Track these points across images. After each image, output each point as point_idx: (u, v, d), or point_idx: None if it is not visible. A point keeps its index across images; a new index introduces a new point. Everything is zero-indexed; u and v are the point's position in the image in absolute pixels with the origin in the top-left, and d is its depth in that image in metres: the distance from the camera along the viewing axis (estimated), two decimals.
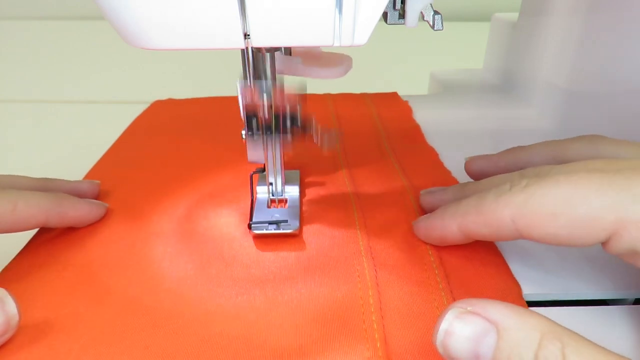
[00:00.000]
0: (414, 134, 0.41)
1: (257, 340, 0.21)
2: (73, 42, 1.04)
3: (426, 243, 0.26)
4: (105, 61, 0.90)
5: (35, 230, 0.29)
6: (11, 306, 0.20)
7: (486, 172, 0.29)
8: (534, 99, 0.45)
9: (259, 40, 0.20)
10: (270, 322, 0.22)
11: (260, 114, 0.25)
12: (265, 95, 0.25)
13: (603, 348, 0.16)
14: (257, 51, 0.25)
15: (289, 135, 0.26)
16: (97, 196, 0.32)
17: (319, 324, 0.21)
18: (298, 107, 0.26)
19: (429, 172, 0.34)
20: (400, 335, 0.21)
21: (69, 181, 0.31)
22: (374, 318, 0.22)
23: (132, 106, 0.48)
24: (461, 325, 0.17)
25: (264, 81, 0.25)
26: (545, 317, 0.16)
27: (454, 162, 0.35)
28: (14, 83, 0.79)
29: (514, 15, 0.50)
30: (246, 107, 0.25)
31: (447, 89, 0.53)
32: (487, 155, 0.31)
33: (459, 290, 0.23)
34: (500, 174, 0.25)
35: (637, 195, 0.18)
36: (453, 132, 0.41)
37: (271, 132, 0.26)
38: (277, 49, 0.25)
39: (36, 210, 0.26)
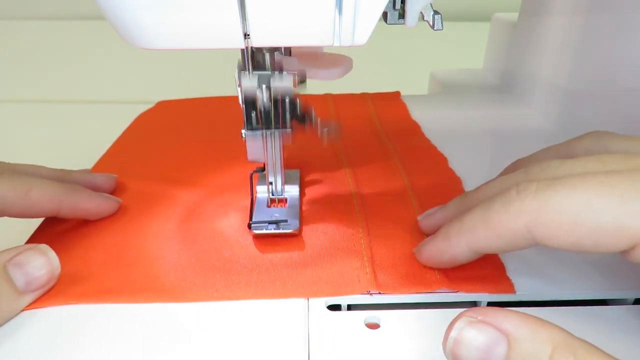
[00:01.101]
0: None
1: (268, 256, 0.26)
2: (73, 42, 1.04)
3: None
4: (105, 61, 0.90)
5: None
6: (55, 259, 0.23)
7: None
8: (534, 99, 0.45)
9: (259, 40, 0.20)
10: (278, 249, 0.26)
11: (259, 102, 0.25)
12: (264, 84, 0.25)
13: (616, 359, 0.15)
14: (257, 51, 0.25)
15: (288, 124, 0.26)
16: (113, 190, 0.32)
17: (319, 249, 0.26)
18: (298, 97, 0.25)
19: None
20: (383, 253, 0.26)
21: (86, 174, 0.32)
22: (362, 242, 0.27)
23: (132, 106, 0.48)
24: (471, 335, 0.16)
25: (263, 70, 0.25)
26: (558, 327, 0.16)
27: (454, 163, 0.35)
28: (14, 83, 0.79)
29: (514, 15, 0.50)
30: (245, 92, 0.25)
31: (447, 89, 0.53)
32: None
33: None
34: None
35: None
36: (453, 132, 0.41)
37: (270, 122, 0.26)
38: (277, 49, 0.25)
39: (49, 197, 0.27)
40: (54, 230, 0.29)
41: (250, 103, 0.25)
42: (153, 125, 0.44)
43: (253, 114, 0.26)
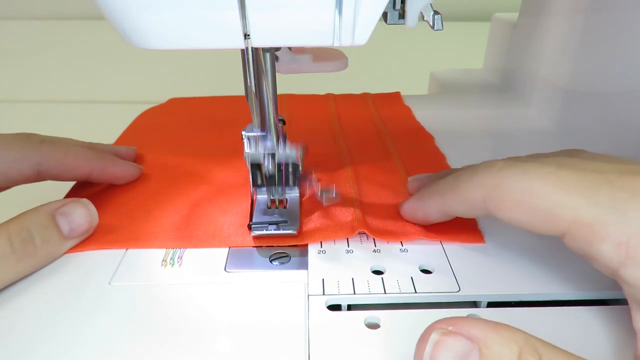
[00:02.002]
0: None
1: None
2: (73, 42, 1.04)
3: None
4: (105, 61, 0.90)
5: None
6: (94, 211, 0.27)
7: None
8: (534, 99, 0.45)
9: (259, 40, 0.20)
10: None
11: (264, 170, 0.28)
12: (269, 156, 0.27)
13: (577, 356, 0.16)
14: (257, 51, 0.25)
15: (290, 185, 0.30)
16: (134, 160, 0.36)
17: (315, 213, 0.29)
18: (299, 165, 0.28)
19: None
20: (373, 209, 0.29)
21: (110, 145, 0.36)
22: (354, 203, 0.30)
23: (133, 106, 0.49)
24: (445, 347, 0.17)
25: (268, 141, 0.27)
26: (519, 329, 0.17)
27: (454, 163, 0.35)
28: (14, 83, 0.79)
29: (514, 15, 0.50)
30: (251, 163, 0.28)
31: (447, 89, 0.53)
32: None
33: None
34: None
35: (596, 200, 0.19)
36: (453, 132, 0.41)
37: (274, 183, 0.29)
38: (277, 49, 0.25)
39: (83, 161, 0.30)
40: (84, 194, 0.32)
41: (256, 167, 0.28)
42: (164, 118, 0.45)
43: (258, 175, 0.29)
